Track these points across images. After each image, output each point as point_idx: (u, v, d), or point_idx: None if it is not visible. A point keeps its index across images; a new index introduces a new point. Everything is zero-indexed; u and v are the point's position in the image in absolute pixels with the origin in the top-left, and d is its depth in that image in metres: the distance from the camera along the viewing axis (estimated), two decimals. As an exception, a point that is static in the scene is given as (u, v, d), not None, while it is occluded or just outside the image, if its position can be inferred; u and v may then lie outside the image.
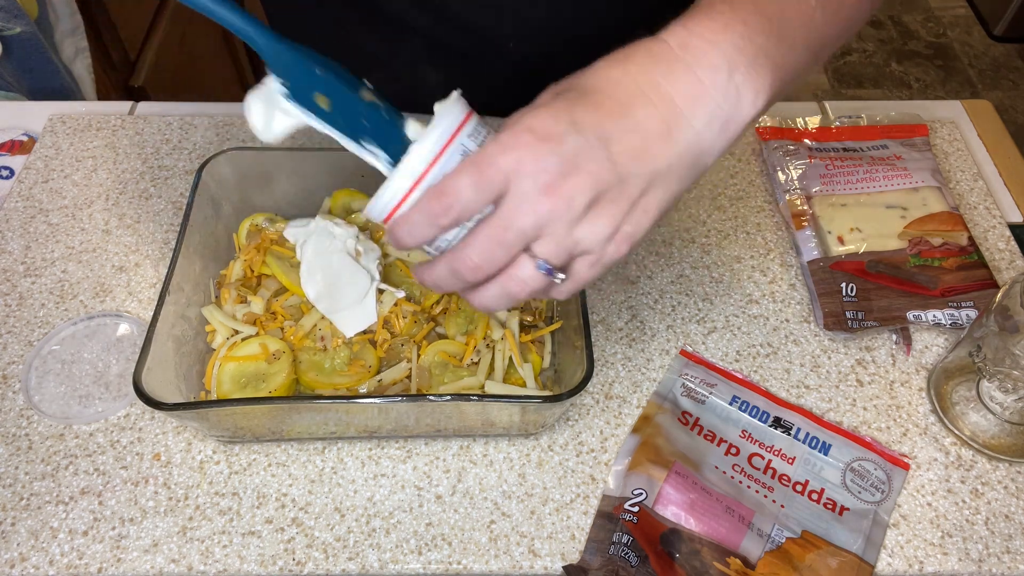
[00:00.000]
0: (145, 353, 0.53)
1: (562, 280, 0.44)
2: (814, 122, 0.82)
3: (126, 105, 0.86)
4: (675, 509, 0.56)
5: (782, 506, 0.58)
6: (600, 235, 0.42)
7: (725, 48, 0.42)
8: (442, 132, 0.43)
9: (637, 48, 0.43)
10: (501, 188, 0.41)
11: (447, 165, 0.43)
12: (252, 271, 0.65)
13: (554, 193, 0.40)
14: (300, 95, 0.44)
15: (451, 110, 0.43)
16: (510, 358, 0.61)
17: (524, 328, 0.63)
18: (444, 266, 0.44)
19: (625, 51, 0.43)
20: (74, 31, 1.12)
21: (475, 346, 0.61)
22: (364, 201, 0.69)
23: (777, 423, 0.62)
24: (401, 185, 0.43)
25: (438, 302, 0.63)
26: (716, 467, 0.59)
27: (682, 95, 0.42)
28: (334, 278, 0.60)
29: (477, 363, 0.61)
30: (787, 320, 0.69)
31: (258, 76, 0.49)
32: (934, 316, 0.66)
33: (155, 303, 0.57)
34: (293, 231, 0.64)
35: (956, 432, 0.62)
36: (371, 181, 0.69)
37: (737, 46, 0.42)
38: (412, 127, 0.45)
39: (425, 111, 0.45)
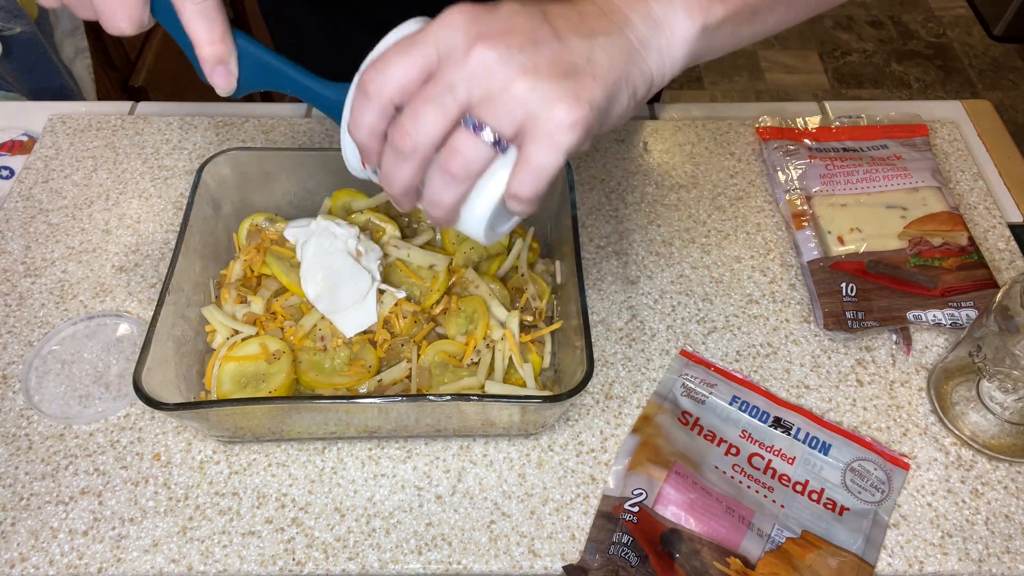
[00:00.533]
0: (145, 353, 0.53)
1: (502, 157, 0.40)
2: (814, 122, 0.82)
3: (126, 105, 0.86)
4: (675, 509, 0.56)
5: (782, 506, 0.58)
6: (543, 89, 0.38)
7: None
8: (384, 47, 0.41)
9: None
10: (434, 55, 0.39)
11: None
12: (252, 271, 0.65)
13: (485, 41, 0.38)
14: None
15: (403, 27, 0.42)
16: (510, 358, 0.61)
17: (524, 328, 0.63)
18: (387, 150, 0.41)
19: None
20: (74, 31, 1.12)
21: (475, 346, 0.61)
22: (364, 201, 0.69)
23: (777, 423, 0.62)
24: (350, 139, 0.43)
25: (438, 302, 0.63)
26: (716, 467, 0.59)
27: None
28: (335, 278, 0.60)
29: (477, 363, 0.61)
30: (787, 320, 0.69)
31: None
32: (934, 316, 0.66)
33: (155, 303, 0.57)
34: (293, 231, 0.64)
35: (956, 432, 0.62)
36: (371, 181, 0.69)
37: None
38: None
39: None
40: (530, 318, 0.63)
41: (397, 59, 0.39)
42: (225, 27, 0.45)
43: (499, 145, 0.40)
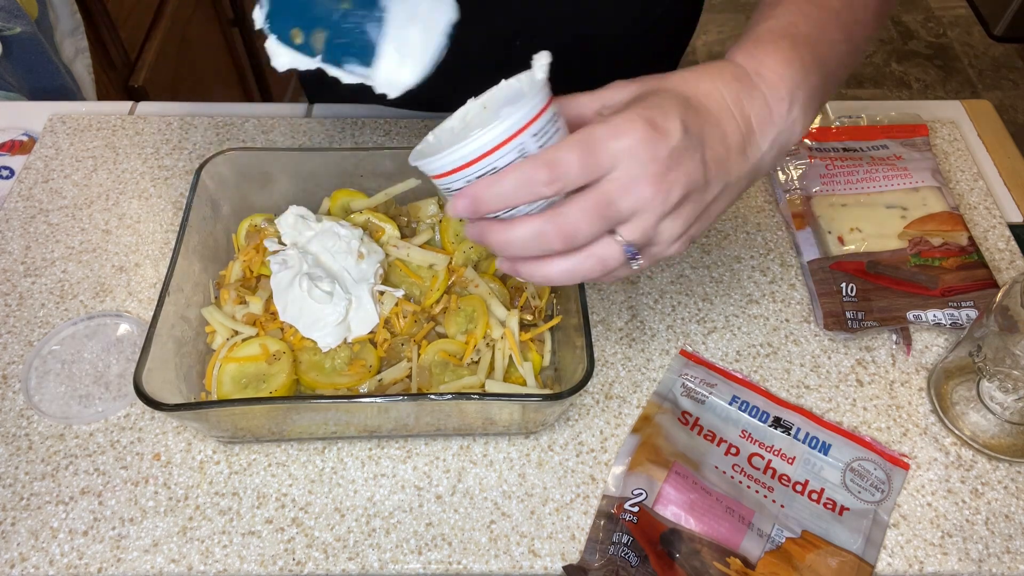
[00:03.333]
0: (145, 353, 0.53)
1: (637, 266, 0.46)
2: (814, 122, 0.82)
3: (126, 105, 0.86)
4: (675, 509, 0.56)
5: (782, 506, 0.58)
6: (677, 231, 0.45)
7: (789, 84, 0.47)
8: (515, 122, 0.42)
9: (721, 67, 0.47)
10: (605, 170, 0.42)
11: (506, 152, 0.42)
12: (251, 271, 0.65)
13: (658, 182, 0.42)
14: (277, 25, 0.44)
15: (533, 96, 0.42)
16: (510, 357, 0.61)
17: (523, 327, 0.63)
18: (534, 226, 0.44)
19: (710, 67, 0.47)
20: (74, 31, 1.12)
21: (475, 345, 0.61)
22: (363, 201, 0.69)
23: (777, 423, 0.62)
24: (456, 157, 0.43)
25: (438, 301, 0.63)
26: (716, 467, 0.59)
27: (757, 117, 0.47)
28: (302, 307, 0.60)
29: (477, 362, 0.61)
30: (787, 320, 0.69)
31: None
32: (934, 316, 0.66)
33: (155, 303, 0.57)
34: (274, 261, 0.63)
35: (956, 432, 0.62)
36: (370, 181, 0.69)
37: (797, 83, 0.47)
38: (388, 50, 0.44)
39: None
40: (530, 317, 0.63)
41: (578, 164, 0.42)
42: None
43: (634, 257, 0.46)
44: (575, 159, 0.42)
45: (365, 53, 0.45)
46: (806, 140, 0.80)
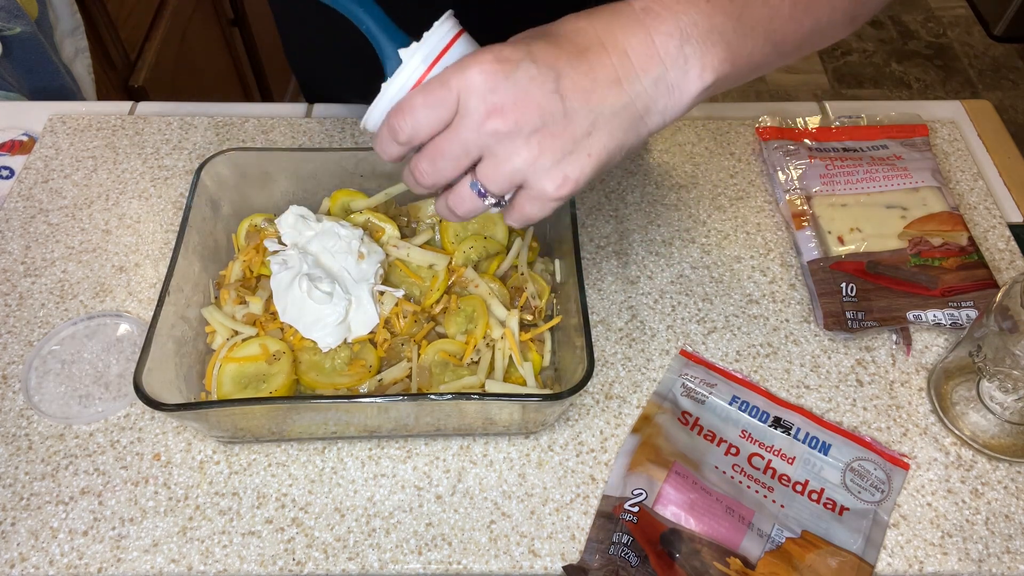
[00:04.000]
0: (145, 353, 0.53)
1: (497, 209, 0.47)
2: (814, 122, 0.82)
3: (126, 105, 0.86)
4: (675, 509, 0.56)
5: (782, 506, 0.58)
6: (540, 166, 0.44)
7: (682, 20, 0.44)
8: (426, 54, 0.45)
9: (603, 6, 0.46)
10: (453, 107, 0.43)
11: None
12: (251, 272, 0.65)
13: (499, 115, 0.42)
14: None
15: (438, 31, 0.46)
16: (510, 357, 0.61)
17: (523, 327, 0.63)
18: (406, 170, 0.48)
19: (595, 8, 0.46)
20: (74, 31, 1.12)
21: (475, 345, 0.61)
22: (363, 201, 0.69)
23: (777, 423, 0.62)
24: (381, 107, 0.47)
25: (438, 301, 0.63)
26: (716, 467, 0.59)
27: (636, 52, 0.44)
28: (302, 308, 0.60)
29: (477, 362, 0.61)
30: (787, 320, 0.69)
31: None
32: (934, 316, 0.66)
33: (155, 303, 0.57)
34: (274, 262, 0.63)
35: (956, 432, 0.62)
36: (370, 181, 0.69)
37: (694, 20, 0.44)
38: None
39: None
40: (530, 317, 0.63)
41: (422, 108, 0.44)
42: None
43: (497, 204, 0.47)
44: (419, 101, 0.44)
45: None
46: (806, 140, 0.80)
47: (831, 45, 2.57)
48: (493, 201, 0.47)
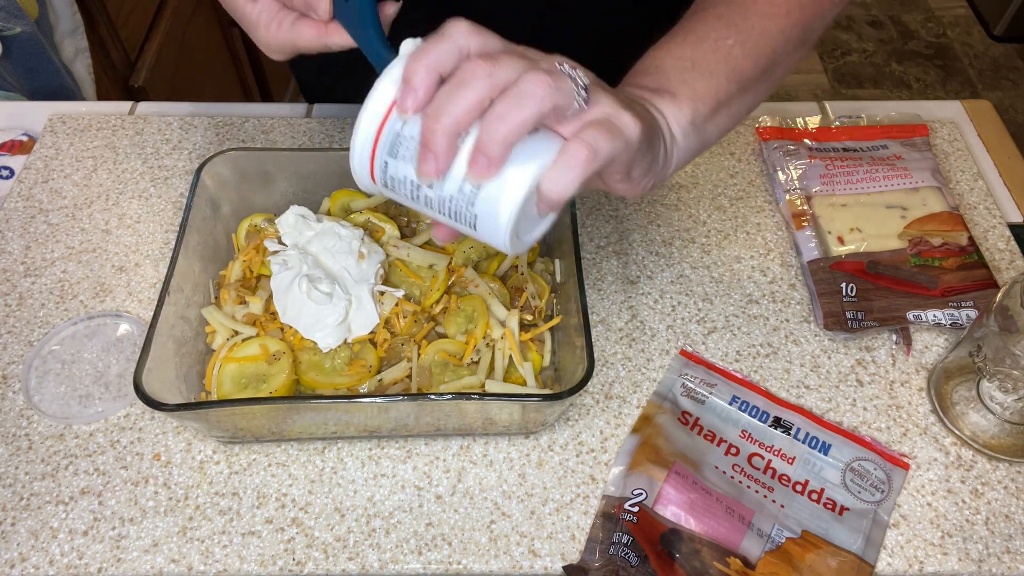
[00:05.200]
0: (145, 353, 0.53)
1: (576, 114, 0.41)
2: (814, 122, 0.82)
3: (126, 105, 0.86)
4: (675, 509, 0.56)
5: (782, 506, 0.58)
6: (614, 107, 0.42)
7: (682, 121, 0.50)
8: (396, 76, 0.41)
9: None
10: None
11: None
12: (251, 272, 0.65)
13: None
14: None
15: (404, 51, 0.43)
16: (510, 357, 0.61)
17: (523, 327, 0.63)
18: (447, 86, 0.40)
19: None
20: (74, 31, 1.12)
21: (475, 345, 0.61)
22: (363, 201, 0.69)
23: (777, 423, 0.62)
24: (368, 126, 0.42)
25: (438, 301, 0.63)
26: (716, 467, 0.59)
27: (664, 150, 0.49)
28: (301, 309, 0.60)
29: (477, 362, 0.61)
30: (787, 320, 0.69)
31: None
32: (934, 316, 0.66)
33: (155, 303, 0.57)
34: (274, 262, 0.63)
35: (956, 432, 0.62)
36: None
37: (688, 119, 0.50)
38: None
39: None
40: (530, 317, 0.63)
41: (432, 52, 0.41)
42: None
43: (582, 96, 0.41)
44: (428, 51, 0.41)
45: None
46: (806, 140, 0.80)
47: (831, 45, 2.56)
48: (583, 84, 0.41)
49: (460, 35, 0.41)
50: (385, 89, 0.42)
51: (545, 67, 0.40)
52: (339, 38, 0.50)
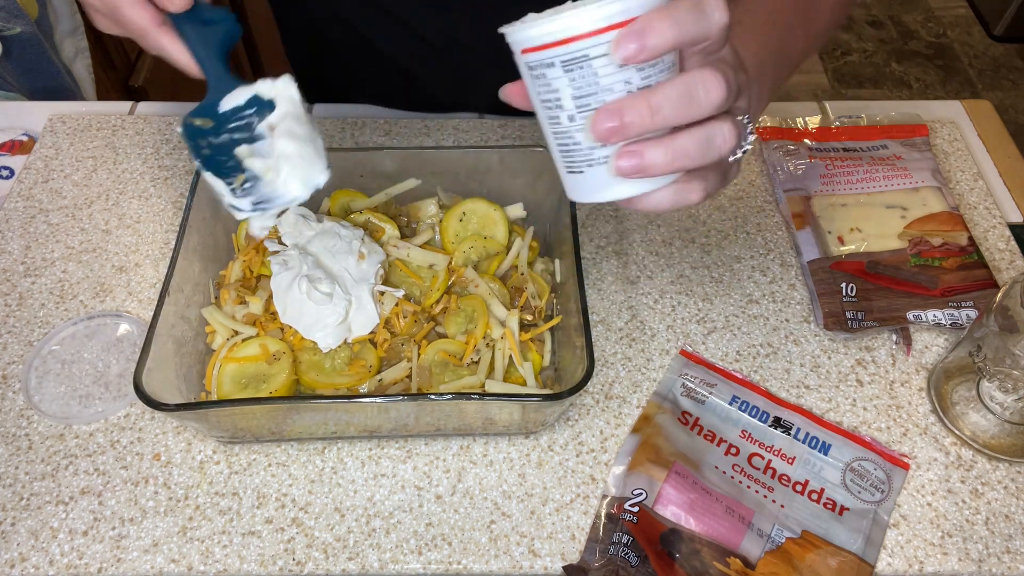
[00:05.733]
0: (145, 353, 0.53)
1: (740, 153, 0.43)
2: (814, 122, 0.82)
3: (126, 105, 0.86)
4: (675, 509, 0.56)
5: (782, 506, 0.58)
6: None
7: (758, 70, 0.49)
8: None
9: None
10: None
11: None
12: (251, 272, 0.65)
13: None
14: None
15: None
16: (510, 357, 0.61)
17: (523, 327, 0.63)
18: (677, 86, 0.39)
19: None
20: (74, 31, 1.12)
21: (475, 345, 0.61)
22: (363, 201, 0.69)
23: (777, 423, 0.62)
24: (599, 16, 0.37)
25: (438, 301, 0.63)
26: (716, 467, 0.59)
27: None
28: (302, 309, 0.60)
29: (477, 362, 0.61)
30: (787, 320, 0.69)
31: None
32: (934, 316, 0.66)
33: (155, 303, 0.57)
34: (275, 262, 0.63)
35: (956, 432, 0.62)
36: (370, 181, 0.69)
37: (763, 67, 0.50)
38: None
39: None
40: (529, 317, 0.63)
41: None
42: None
43: (741, 149, 0.44)
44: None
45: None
46: (806, 140, 0.80)
47: (831, 45, 2.56)
48: (746, 136, 0.43)
49: (717, 12, 0.38)
50: (610, 8, 0.37)
51: (735, 120, 0.41)
52: (168, 40, 0.50)
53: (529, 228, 0.69)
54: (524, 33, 0.39)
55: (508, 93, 0.44)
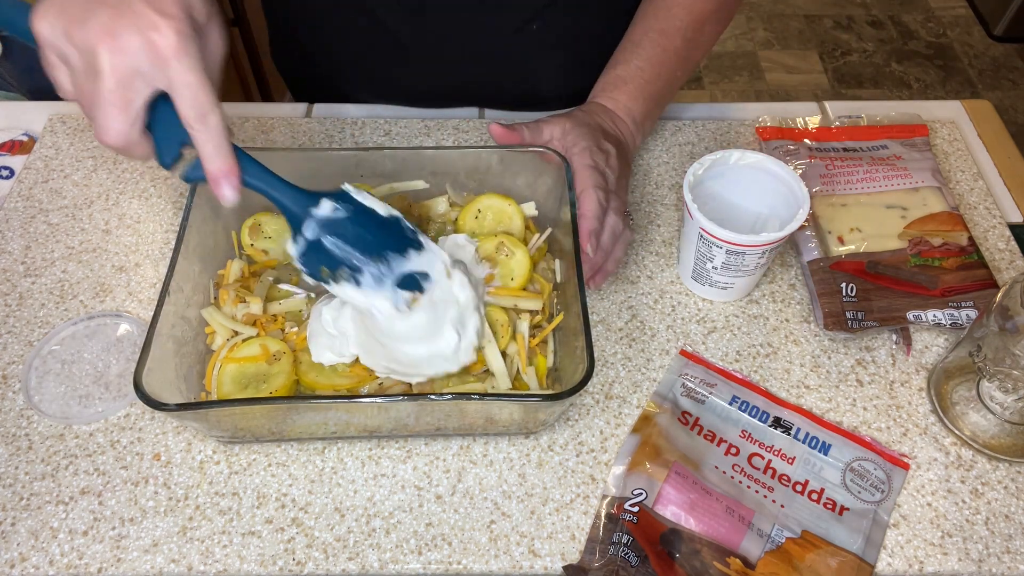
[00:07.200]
0: (145, 353, 0.53)
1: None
2: (814, 122, 0.82)
3: (126, 105, 0.86)
4: (675, 509, 0.56)
5: (782, 506, 0.58)
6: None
7: (633, 114, 0.72)
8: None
9: (594, 106, 0.72)
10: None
11: None
12: (250, 272, 0.65)
13: (618, 213, 0.66)
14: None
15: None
16: (517, 368, 0.60)
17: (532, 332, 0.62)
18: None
19: (591, 105, 0.72)
20: (74, 31, 1.12)
21: (484, 365, 0.59)
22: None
23: (777, 423, 0.62)
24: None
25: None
26: (716, 467, 0.59)
27: (623, 135, 0.73)
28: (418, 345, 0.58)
29: (487, 371, 0.60)
30: (787, 320, 0.69)
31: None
32: (934, 316, 0.66)
33: (155, 303, 0.57)
34: (329, 311, 0.59)
35: (956, 432, 0.62)
36: (370, 181, 0.69)
37: (638, 112, 0.73)
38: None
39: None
40: (538, 317, 0.63)
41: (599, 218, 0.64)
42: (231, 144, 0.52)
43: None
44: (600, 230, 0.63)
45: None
46: (806, 140, 0.80)
47: (831, 45, 2.55)
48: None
49: (608, 215, 0.64)
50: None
51: (624, 244, 0.67)
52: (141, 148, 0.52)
53: (547, 231, 0.67)
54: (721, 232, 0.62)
55: (494, 132, 0.67)
